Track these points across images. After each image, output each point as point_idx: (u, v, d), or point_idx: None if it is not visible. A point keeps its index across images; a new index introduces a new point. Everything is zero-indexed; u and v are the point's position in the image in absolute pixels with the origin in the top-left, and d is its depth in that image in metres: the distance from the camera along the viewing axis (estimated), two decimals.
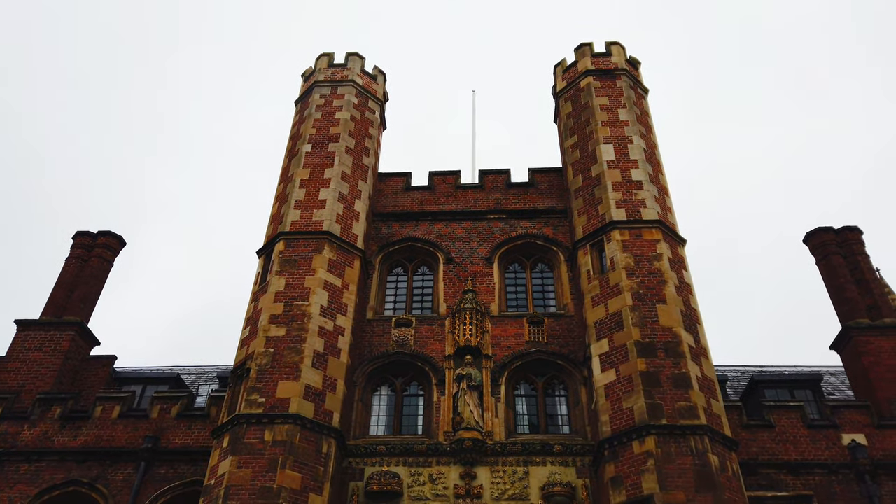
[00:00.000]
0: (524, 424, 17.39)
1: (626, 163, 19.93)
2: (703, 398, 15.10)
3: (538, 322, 18.59)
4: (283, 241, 18.62)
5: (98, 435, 17.47)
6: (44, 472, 16.79)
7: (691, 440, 14.24)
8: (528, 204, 21.73)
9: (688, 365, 15.47)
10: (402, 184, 22.72)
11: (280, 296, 17.36)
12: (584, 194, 19.98)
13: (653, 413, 14.66)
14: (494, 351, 18.07)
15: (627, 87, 22.33)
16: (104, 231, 22.79)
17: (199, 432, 17.34)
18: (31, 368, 19.14)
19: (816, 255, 21.15)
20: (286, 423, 15.00)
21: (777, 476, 16.00)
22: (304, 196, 19.77)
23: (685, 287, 17.53)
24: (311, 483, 14.61)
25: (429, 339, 18.57)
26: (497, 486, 15.74)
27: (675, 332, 16.01)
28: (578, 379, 17.37)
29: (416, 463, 16.21)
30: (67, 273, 21.69)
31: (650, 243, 17.89)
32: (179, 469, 16.68)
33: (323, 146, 21.22)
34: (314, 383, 15.98)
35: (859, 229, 21.07)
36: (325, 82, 23.30)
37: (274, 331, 16.67)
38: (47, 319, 20.24)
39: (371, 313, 19.38)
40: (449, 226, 21.33)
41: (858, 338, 18.72)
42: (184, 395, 18.09)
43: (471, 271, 20.07)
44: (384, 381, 18.35)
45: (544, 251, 20.72)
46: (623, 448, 14.64)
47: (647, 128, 21.61)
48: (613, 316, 16.76)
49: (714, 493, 13.50)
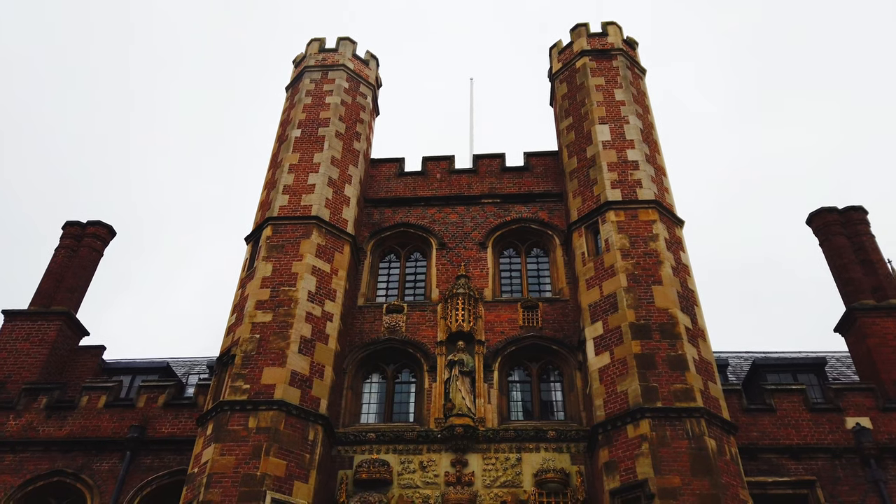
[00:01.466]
0: (518, 411, 16.95)
1: (621, 143, 19.42)
2: (699, 380, 14.62)
3: (532, 307, 18.13)
4: (270, 226, 18.24)
5: (84, 425, 17.17)
6: (28, 463, 16.52)
7: (687, 423, 13.77)
8: (524, 188, 21.26)
9: (684, 347, 14.98)
10: (395, 169, 22.28)
11: (267, 281, 16.99)
12: (579, 176, 19.49)
13: (647, 396, 14.19)
14: (488, 336, 17.63)
15: (624, 66, 21.80)
16: (94, 221, 22.44)
17: (187, 421, 17.01)
18: (17, 359, 18.86)
19: (820, 237, 20.57)
20: (271, 410, 14.62)
21: (779, 461, 15.48)
22: (293, 181, 19.38)
23: (682, 268, 17.02)
24: (297, 470, 14.24)
25: (421, 326, 18.15)
26: (489, 473, 15.32)
27: (671, 314, 15.52)
28: (573, 364, 16.91)
29: (406, 450, 15.81)
30: (56, 263, 21.40)
31: (646, 224, 17.39)
32: (165, 459, 16.36)
33: (313, 131, 20.82)
34: (301, 369, 15.59)
35: (864, 209, 20.44)
36: (316, 67, 22.90)
37: (260, 317, 16.30)
38: (34, 310, 19.96)
39: (362, 300, 18.98)
40: (442, 211, 20.89)
41: (863, 319, 18.14)
42: (171, 384, 17.77)
43: (464, 256, 19.62)
44: (376, 368, 17.96)
45: (539, 235, 20.25)
46: (617, 432, 14.19)
47: (644, 108, 21.07)
48: (608, 298, 16.28)
49: (710, 478, 13.03)
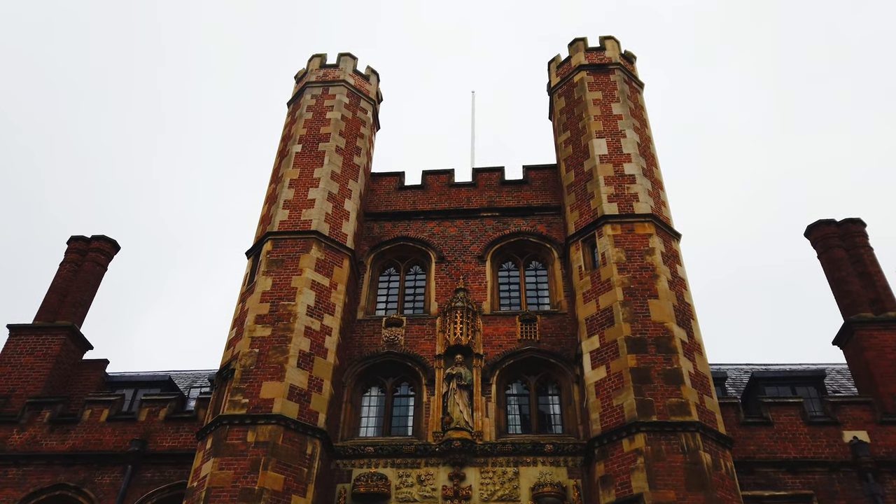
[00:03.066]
0: (516, 424, 17.03)
1: (618, 157, 19.56)
2: (695, 394, 14.68)
3: (531, 320, 18.24)
4: (270, 241, 18.45)
5: (86, 438, 17.35)
6: (31, 477, 16.70)
7: (682, 437, 13.82)
8: (522, 201, 21.40)
9: (680, 360, 15.05)
10: (395, 183, 22.49)
11: (266, 296, 17.17)
12: (576, 189, 19.63)
13: (643, 410, 14.26)
14: (486, 350, 17.74)
15: (621, 81, 21.98)
16: (98, 235, 22.74)
17: (187, 435, 17.16)
18: (21, 373, 19.09)
19: (818, 249, 20.61)
20: (269, 424, 14.76)
21: (776, 475, 15.48)
22: (293, 196, 19.61)
23: (679, 282, 17.11)
24: (295, 484, 14.35)
25: (419, 339, 18.27)
26: (486, 487, 15.39)
27: (666, 328, 15.61)
28: (571, 377, 16.99)
29: (404, 464, 15.91)
30: (61, 278, 21.67)
31: (642, 237, 17.50)
32: (166, 472, 16.49)
33: (313, 146, 21.07)
34: (299, 383, 15.74)
35: (862, 221, 20.48)
36: (317, 83, 23.18)
37: (259, 331, 16.48)
38: (39, 324, 20.20)
39: (362, 313, 19.14)
40: (441, 224, 21.06)
41: (861, 332, 18.15)
42: (172, 398, 17.93)
43: (463, 270, 19.77)
44: (375, 381, 18.08)
45: (538, 248, 20.38)
46: (613, 446, 14.25)
47: (641, 122, 21.23)
48: (604, 312, 16.38)
49: (706, 492, 13.07)
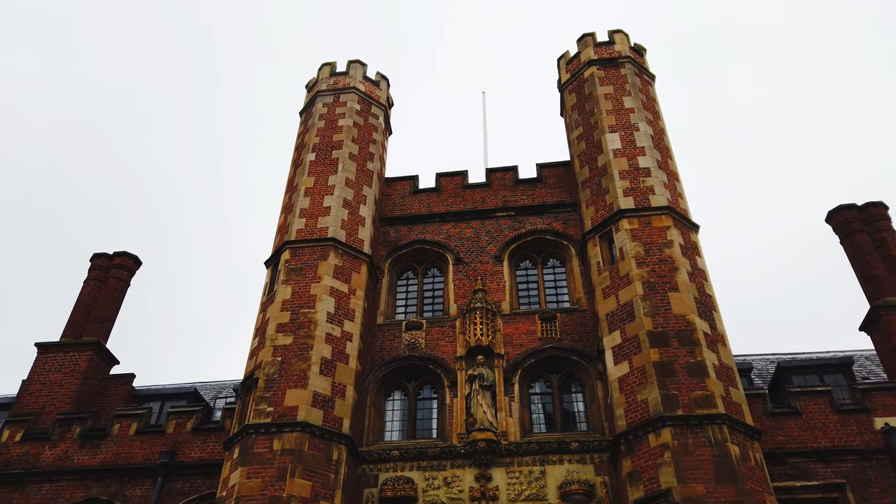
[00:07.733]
0: (540, 423, 16.98)
1: (632, 150, 19.44)
2: (720, 386, 14.52)
3: (550, 318, 18.18)
4: (288, 249, 18.59)
5: (116, 452, 17.61)
6: (64, 492, 16.98)
7: (709, 430, 13.68)
8: (537, 199, 21.36)
9: (703, 353, 14.90)
10: (409, 187, 22.56)
11: (286, 304, 17.30)
12: (591, 185, 19.54)
13: (667, 404, 14.14)
14: (507, 349, 17.71)
15: (632, 74, 21.85)
16: (120, 252, 23.10)
17: (215, 445, 17.34)
18: (51, 390, 19.43)
19: (840, 234, 20.33)
20: (294, 432, 14.86)
21: (806, 465, 15.25)
22: (309, 204, 19.74)
23: (699, 273, 16.95)
24: (322, 491, 14.43)
25: (440, 341, 18.30)
26: (513, 487, 15.36)
27: (688, 320, 15.46)
28: (594, 374, 16.91)
29: (430, 467, 15.93)
30: (85, 294, 22.04)
31: (660, 230, 17.37)
32: (195, 483, 16.69)
33: (326, 154, 21.20)
34: (322, 390, 15.83)
35: (884, 204, 20.18)
36: (328, 91, 23.33)
37: (281, 339, 16.60)
38: (66, 341, 20.55)
39: (381, 318, 19.21)
40: (457, 226, 21.08)
41: (888, 317, 17.87)
42: (199, 409, 18.14)
43: (480, 270, 19.77)
44: (397, 385, 18.14)
45: (555, 246, 20.32)
46: (639, 442, 14.14)
47: (654, 114, 21.08)
48: (625, 307, 16.28)
49: (735, 485, 12.92)
